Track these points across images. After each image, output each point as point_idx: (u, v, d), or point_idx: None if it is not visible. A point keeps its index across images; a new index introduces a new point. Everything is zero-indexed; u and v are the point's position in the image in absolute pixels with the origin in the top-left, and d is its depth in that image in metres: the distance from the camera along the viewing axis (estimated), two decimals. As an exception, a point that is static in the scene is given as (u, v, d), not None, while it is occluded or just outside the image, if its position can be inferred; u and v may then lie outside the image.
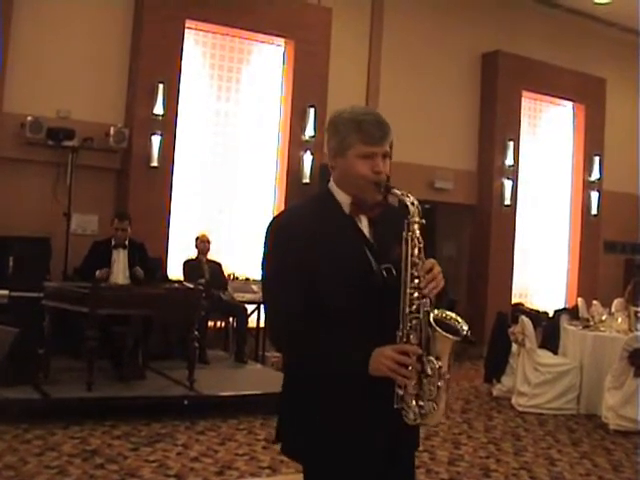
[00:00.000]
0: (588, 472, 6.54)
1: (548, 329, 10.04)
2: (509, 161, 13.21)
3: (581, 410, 8.74)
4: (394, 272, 2.63)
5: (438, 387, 2.56)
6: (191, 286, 8.37)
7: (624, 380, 7.92)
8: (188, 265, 9.80)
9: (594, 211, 14.34)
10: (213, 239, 10.08)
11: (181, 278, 9.53)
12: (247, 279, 10.59)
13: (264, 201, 11.26)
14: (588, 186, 14.35)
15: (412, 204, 2.61)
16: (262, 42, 11.27)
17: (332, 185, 2.78)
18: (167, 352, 9.17)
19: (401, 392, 2.55)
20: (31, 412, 6.94)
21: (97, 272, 8.13)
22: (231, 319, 10.08)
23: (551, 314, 11.23)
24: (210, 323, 9.76)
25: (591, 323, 9.35)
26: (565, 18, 14.00)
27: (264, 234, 2.75)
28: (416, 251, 2.58)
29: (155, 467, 5.91)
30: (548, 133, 14.22)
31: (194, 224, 10.54)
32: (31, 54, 9.62)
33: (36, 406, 7.04)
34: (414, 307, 2.56)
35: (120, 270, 8.45)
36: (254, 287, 10.38)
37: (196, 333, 7.89)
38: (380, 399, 2.60)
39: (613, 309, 9.85)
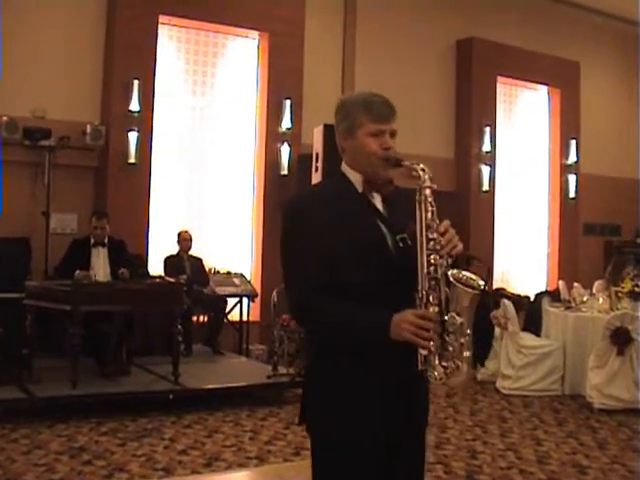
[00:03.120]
0: (574, 451, 6.62)
1: (530, 312, 10.07)
2: (486, 147, 13.24)
3: (565, 390, 8.83)
4: (409, 242, 2.73)
5: (461, 344, 2.60)
6: (172, 280, 8.37)
7: (607, 359, 8.00)
8: (169, 261, 9.80)
9: (572, 194, 14.38)
10: (193, 234, 10.08)
11: (162, 274, 9.51)
12: (228, 273, 10.57)
13: (243, 194, 11.22)
14: (565, 169, 14.40)
15: (423, 170, 2.76)
16: (236, 36, 11.22)
17: (344, 167, 2.91)
18: (149, 347, 9.17)
19: (425, 352, 2.59)
20: (17, 412, 6.93)
21: (77, 272, 8.06)
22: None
23: (533, 297, 11.28)
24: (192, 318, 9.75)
25: (572, 304, 9.41)
26: (537, 3, 14.03)
27: (281, 218, 2.84)
28: (429, 214, 2.68)
29: (143, 461, 5.92)
30: (524, 118, 14.25)
31: (174, 219, 10.51)
32: (4, 54, 9.51)
33: (21, 405, 7.04)
34: (432, 268, 2.62)
35: (100, 268, 8.41)
36: (236, 281, 10.38)
37: (179, 327, 7.90)
38: (395, 372, 2.69)
39: (594, 290, 9.89)
